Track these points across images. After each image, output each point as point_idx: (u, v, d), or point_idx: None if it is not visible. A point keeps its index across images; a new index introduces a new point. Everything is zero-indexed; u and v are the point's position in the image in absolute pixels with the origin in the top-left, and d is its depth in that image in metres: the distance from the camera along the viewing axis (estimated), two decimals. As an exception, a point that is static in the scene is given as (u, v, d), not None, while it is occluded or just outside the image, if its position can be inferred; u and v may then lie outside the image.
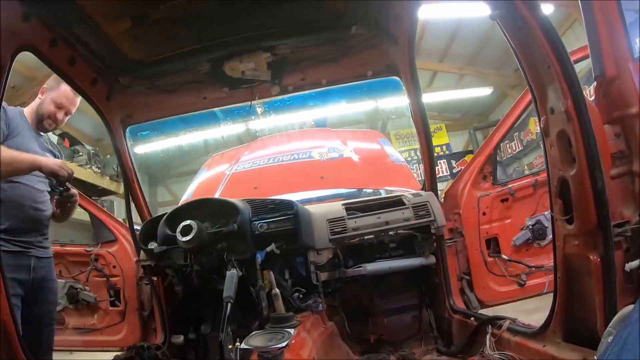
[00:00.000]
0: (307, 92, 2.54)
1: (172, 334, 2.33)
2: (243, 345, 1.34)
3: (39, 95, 2.05)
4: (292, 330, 1.47)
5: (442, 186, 9.69)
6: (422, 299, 2.55)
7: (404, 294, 2.58)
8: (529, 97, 2.19)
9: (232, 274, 1.58)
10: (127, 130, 2.53)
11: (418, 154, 12.02)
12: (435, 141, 12.23)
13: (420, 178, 3.07)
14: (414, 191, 2.58)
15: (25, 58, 1.60)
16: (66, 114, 2.11)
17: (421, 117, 2.36)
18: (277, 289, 1.71)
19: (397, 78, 2.36)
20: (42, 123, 2.05)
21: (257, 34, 2.07)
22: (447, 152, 12.42)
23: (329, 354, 1.84)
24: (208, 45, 2.08)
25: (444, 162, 11.95)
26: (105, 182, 8.16)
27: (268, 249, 1.96)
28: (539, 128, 1.40)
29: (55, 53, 1.76)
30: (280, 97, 2.57)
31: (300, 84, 2.43)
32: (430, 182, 2.50)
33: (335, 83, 2.48)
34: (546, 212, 2.52)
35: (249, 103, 2.50)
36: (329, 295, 2.33)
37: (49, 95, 2.04)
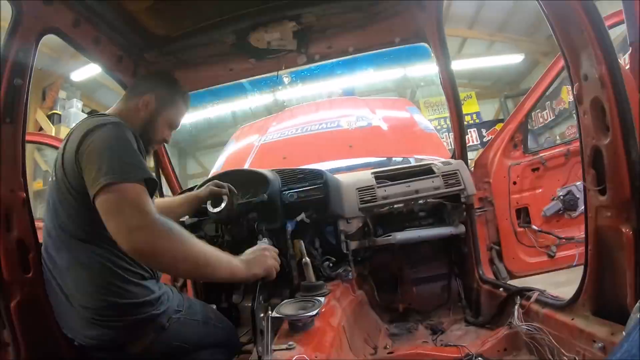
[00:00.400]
0: (334, 60, 2.51)
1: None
2: (274, 314, 1.36)
3: (141, 109, 1.58)
4: (322, 299, 1.50)
5: (472, 155, 9.54)
6: (451, 269, 2.54)
7: (432, 263, 2.57)
8: (561, 63, 2.12)
9: (265, 244, 1.59)
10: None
11: (448, 122, 11.73)
12: (465, 109, 11.97)
13: (450, 147, 3.01)
14: (443, 159, 2.54)
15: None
16: None
17: (450, 85, 2.31)
18: (307, 258, 1.74)
19: (425, 45, 2.31)
20: (148, 147, 1.62)
21: (282, 3, 2.04)
22: (477, 121, 12.13)
23: (358, 322, 1.88)
24: (232, 17, 2.05)
25: (474, 130, 11.68)
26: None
27: (298, 218, 1.98)
28: (571, 97, 1.35)
29: (79, 34, 1.76)
30: (307, 67, 2.54)
31: (327, 52, 2.39)
32: (461, 150, 2.46)
33: (363, 51, 2.43)
34: (578, 183, 2.49)
35: (275, 73, 2.49)
36: (359, 263, 2.34)
37: (164, 114, 1.63)
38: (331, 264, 2.08)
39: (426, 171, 2.31)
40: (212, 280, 1.68)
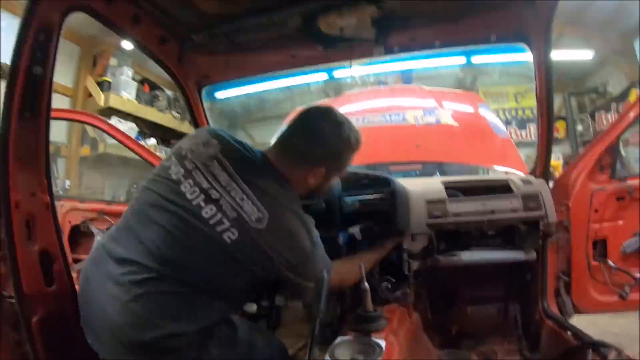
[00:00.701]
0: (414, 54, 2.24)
1: None
2: (327, 358, 1.26)
3: (310, 179, 1.56)
4: (382, 344, 1.34)
5: (529, 152, 9.11)
6: (510, 293, 2.34)
7: (490, 284, 2.37)
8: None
9: (323, 279, 1.41)
10: (203, 91, 2.38)
11: (507, 114, 11.31)
12: (525, 103, 11.50)
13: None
14: (522, 175, 2.29)
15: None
16: None
17: (546, 95, 2.02)
18: (366, 284, 1.55)
19: (524, 46, 1.99)
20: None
21: None
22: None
23: (414, 353, 1.71)
24: None
25: (533, 126, 11.04)
26: (185, 127, 8.25)
27: (351, 230, 1.81)
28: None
29: (115, 11, 1.57)
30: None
31: (409, 44, 2.09)
32: (544, 168, 2.19)
33: (451, 46, 2.14)
34: (667, 220, 2.20)
35: (345, 63, 2.21)
36: (417, 282, 2.16)
37: (333, 176, 1.67)
38: (390, 285, 1.89)
39: (504, 188, 2.08)
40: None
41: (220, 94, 3.13)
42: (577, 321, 2.14)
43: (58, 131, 6.87)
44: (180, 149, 1.43)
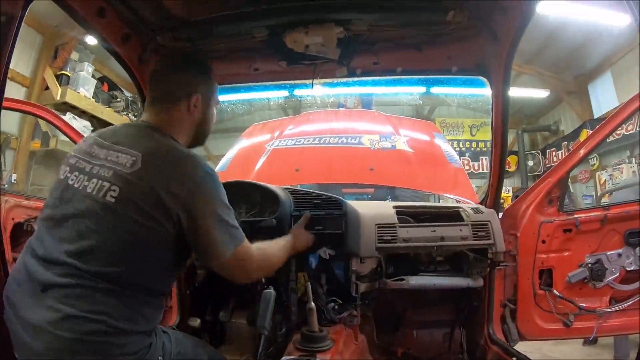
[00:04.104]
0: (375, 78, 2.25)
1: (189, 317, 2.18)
2: None
3: (192, 112, 1.48)
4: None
5: (480, 183, 9.35)
6: (457, 317, 2.37)
7: (437, 308, 2.40)
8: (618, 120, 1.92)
9: (269, 296, 1.43)
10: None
11: (461, 145, 11.66)
12: (479, 136, 11.92)
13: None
14: (473, 204, 2.34)
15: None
16: None
17: (501, 128, 2.09)
18: (313, 304, 1.53)
19: (484, 79, 2.06)
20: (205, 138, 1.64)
21: (332, 2, 1.76)
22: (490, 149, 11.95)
23: (357, 375, 1.69)
24: (269, 9, 1.77)
25: (485, 159, 11.54)
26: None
27: (321, 252, 1.78)
28: None
29: (81, 2, 1.52)
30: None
31: (371, 68, 2.11)
32: (495, 198, 2.25)
33: (412, 73, 2.19)
34: (609, 252, 2.31)
35: (307, 82, 2.20)
36: (364, 304, 2.13)
37: (212, 103, 1.59)
38: (336, 306, 1.86)
39: (454, 216, 2.11)
40: None
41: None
42: (522, 347, 2.19)
43: (9, 122, 6.62)
44: (68, 157, 1.39)
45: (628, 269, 2.28)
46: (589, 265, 2.33)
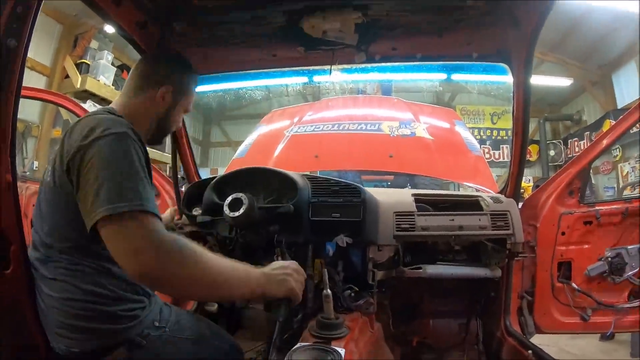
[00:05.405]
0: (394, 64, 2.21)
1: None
2: None
3: (157, 102, 1.46)
4: (342, 352, 1.30)
5: (501, 172, 9.21)
6: (474, 308, 2.35)
7: (454, 298, 2.38)
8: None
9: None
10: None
11: (482, 133, 11.50)
12: (501, 124, 11.73)
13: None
14: (492, 194, 2.31)
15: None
16: None
17: (523, 116, 2.03)
18: (329, 290, 1.51)
19: (505, 66, 2.01)
20: (162, 138, 1.57)
21: None
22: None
23: (372, 363, 1.69)
24: None
25: (506, 147, 11.40)
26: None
27: (338, 240, 1.77)
28: None
29: None
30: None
31: (390, 53, 2.07)
32: (515, 188, 2.20)
33: (432, 59, 2.13)
34: (630, 247, 2.27)
35: (325, 67, 2.17)
36: (381, 292, 2.12)
37: (181, 103, 1.55)
38: (353, 294, 1.86)
39: (473, 205, 2.08)
40: (229, 300, 1.51)
41: (197, 88, 3.06)
42: (538, 340, 2.17)
43: (31, 110, 6.73)
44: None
45: (649, 264, 2.24)
46: (609, 259, 2.30)
